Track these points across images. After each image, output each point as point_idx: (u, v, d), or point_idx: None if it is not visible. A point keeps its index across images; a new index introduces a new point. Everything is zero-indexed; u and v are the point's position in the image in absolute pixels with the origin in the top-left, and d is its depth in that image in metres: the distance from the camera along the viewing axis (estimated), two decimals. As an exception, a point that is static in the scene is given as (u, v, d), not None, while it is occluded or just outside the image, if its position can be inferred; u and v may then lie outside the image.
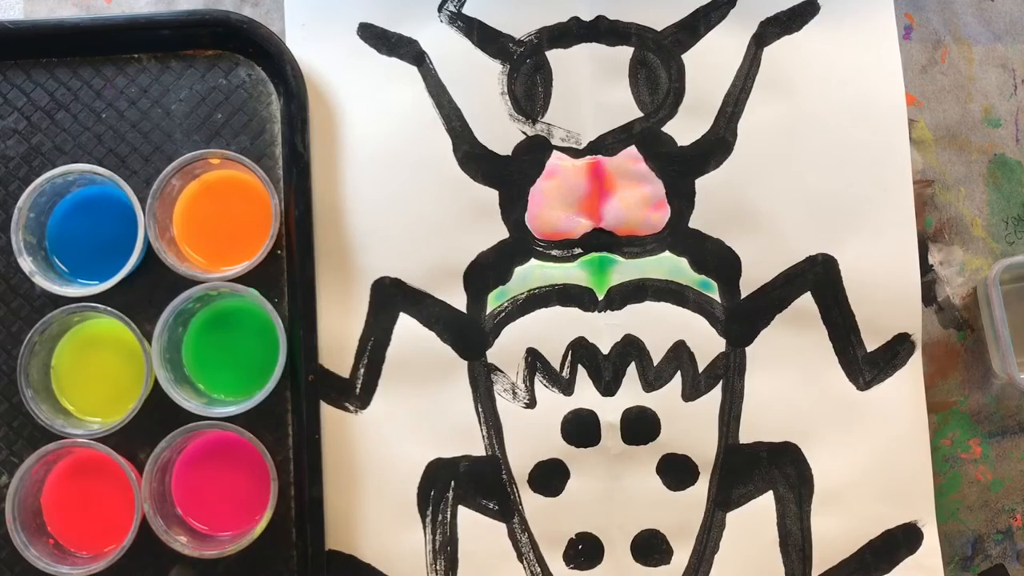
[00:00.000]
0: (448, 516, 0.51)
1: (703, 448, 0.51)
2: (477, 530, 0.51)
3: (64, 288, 0.49)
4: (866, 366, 0.52)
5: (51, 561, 0.47)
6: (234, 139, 0.52)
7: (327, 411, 0.51)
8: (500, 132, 0.53)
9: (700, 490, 0.51)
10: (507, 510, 0.51)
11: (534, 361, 0.52)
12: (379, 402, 0.51)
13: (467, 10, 0.53)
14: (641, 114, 0.53)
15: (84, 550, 0.49)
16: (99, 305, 0.48)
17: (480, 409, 0.52)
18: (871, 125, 0.53)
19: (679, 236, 0.52)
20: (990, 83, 0.54)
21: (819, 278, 0.52)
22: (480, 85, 0.53)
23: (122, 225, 0.50)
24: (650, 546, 0.51)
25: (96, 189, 0.51)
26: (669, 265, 0.52)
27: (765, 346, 0.52)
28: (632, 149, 0.53)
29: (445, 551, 0.51)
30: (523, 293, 0.52)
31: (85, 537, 0.49)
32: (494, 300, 0.52)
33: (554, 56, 0.53)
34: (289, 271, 0.51)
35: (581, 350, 0.52)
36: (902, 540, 0.51)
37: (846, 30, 0.53)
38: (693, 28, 0.53)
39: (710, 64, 0.53)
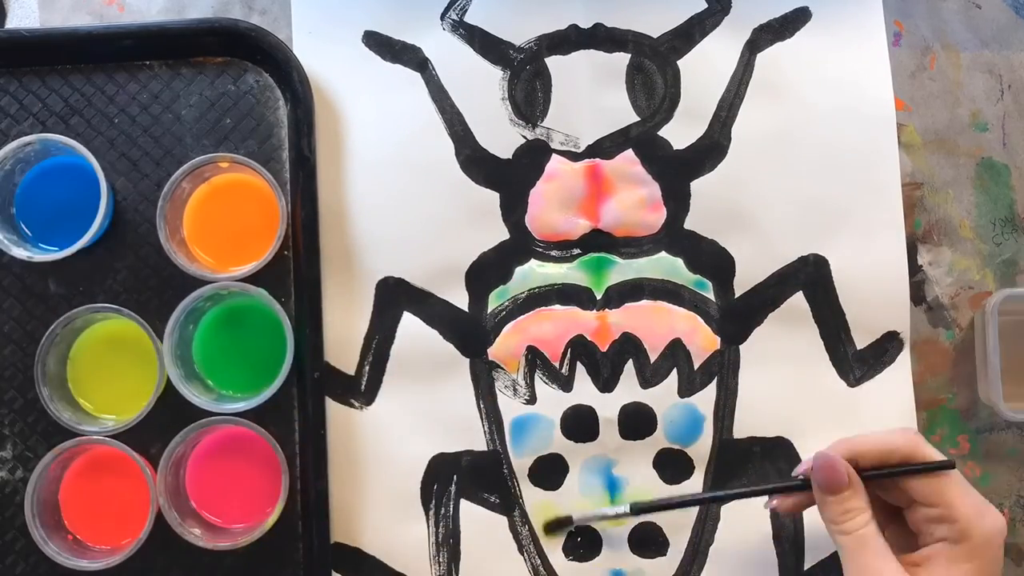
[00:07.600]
0: (451, 509, 0.52)
1: (698, 443, 0.52)
2: (479, 523, 0.52)
3: (34, 254, 0.48)
4: (856, 363, 0.53)
5: (70, 555, 0.48)
6: (242, 143, 0.52)
7: (333, 407, 0.52)
8: (501, 136, 0.53)
9: (695, 484, 0.52)
10: (508, 503, 0.52)
11: (534, 359, 0.52)
12: (383, 398, 0.52)
13: (469, 18, 0.54)
14: (638, 118, 0.53)
15: (101, 544, 0.50)
16: (121, 308, 0.49)
17: (482, 405, 0.52)
18: (861, 129, 0.53)
19: (675, 237, 0.53)
20: (977, 88, 0.55)
21: (811, 278, 0.53)
22: (481, 91, 0.53)
23: (86, 192, 0.49)
24: (647, 538, 0.52)
25: (62, 159, 0.51)
26: (665, 265, 0.53)
27: (758, 344, 0.52)
28: (629, 152, 0.53)
29: (448, 543, 0.52)
30: (523, 292, 0.53)
31: (102, 531, 0.50)
32: (495, 299, 0.53)
33: (553, 62, 0.53)
34: (296, 271, 0.52)
35: (580, 348, 0.52)
36: (893, 533, 0.52)
37: (837, 37, 0.54)
38: (688, 35, 0.54)
39: (705, 70, 0.54)
